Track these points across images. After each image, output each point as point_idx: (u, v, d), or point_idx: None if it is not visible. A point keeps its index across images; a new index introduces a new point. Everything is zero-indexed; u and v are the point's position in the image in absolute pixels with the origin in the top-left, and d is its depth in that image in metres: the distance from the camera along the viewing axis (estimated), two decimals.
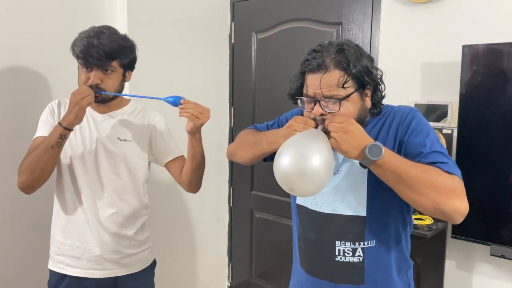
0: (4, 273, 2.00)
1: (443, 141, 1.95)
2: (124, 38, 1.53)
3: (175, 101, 1.45)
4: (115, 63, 1.49)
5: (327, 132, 1.13)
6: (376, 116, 1.26)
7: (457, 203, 1.06)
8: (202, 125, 1.48)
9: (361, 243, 1.24)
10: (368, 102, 1.22)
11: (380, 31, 2.20)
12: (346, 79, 1.15)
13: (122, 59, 1.51)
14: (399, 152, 1.17)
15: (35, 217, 2.07)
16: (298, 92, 1.26)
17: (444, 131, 1.98)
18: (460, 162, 1.85)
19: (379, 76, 1.22)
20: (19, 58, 1.99)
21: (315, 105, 1.18)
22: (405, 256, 1.31)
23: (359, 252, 1.25)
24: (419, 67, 2.09)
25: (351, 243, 1.25)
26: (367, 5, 2.24)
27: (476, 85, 1.82)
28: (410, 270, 1.34)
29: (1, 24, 1.93)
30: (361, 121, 1.20)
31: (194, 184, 1.63)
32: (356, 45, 1.21)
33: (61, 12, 2.12)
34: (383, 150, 1.06)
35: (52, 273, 1.62)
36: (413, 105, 2.07)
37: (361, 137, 1.08)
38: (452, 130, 1.96)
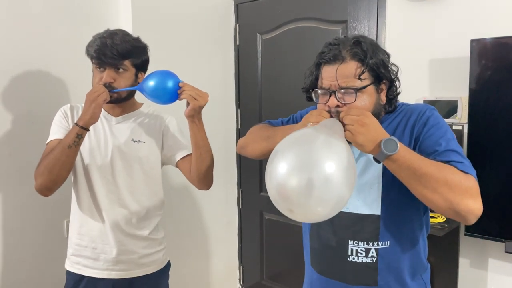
0: (19, 279, 2.01)
1: None
2: (137, 39, 1.58)
3: (175, 87, 1.47)
4: (127, 62, 1.52)
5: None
6: (391, 113, 1.24)
7: (470, 203, 1.03)
8: (200, 107, 1.49)
9: (375, 244, 1.22)
10: (383, 98, 1.20)
11: (386, 28, 2.18)
12: (363, 70, 1.14)
13: (135, 58, 1.54)
14: (414, 150, 1.14)
15: (47, 223, 2.09)
16: (312, 85, 1.24)
17: (454, 127, 1.96)
18: (471, 158, 1.80)
19: (394, 72, 1.22)
20: (27, 66, 2.01)
21: (330, 97, 1.16)
22: (421, 258, 1.28)
23: (372, 252, 1.22)
24: (427, 63, 2.06)
25: (365, 243, 1.22)
26: (372, 2, 2.22)
27: (486, 80, 1.79)
28: (426, 273, 1.31)
29: (8, 31, 1.94)
30: (375, 116, 1.17)
31: (204, 177, 1.60)
32: (372, 40, 1.21)
33: (67, 20, 2.13)
34: (398, 145, 1.03)
35: (69, 274, 1.63)
36: (422, 102, 2.05)
37: (377, 131, 1.06)
38: (463, 126, 1.94)
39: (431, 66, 2.05)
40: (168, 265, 1.75)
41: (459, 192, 1.03)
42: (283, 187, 0.87)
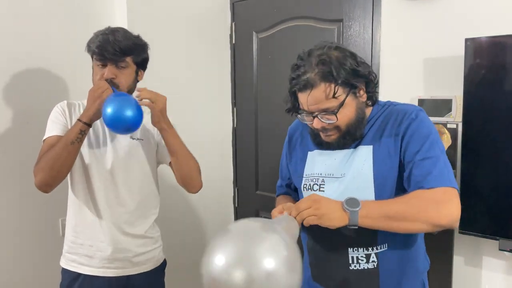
0: (14, 278, 2.01)
1: (448, 136, 1.93)
2: (138, 37, 1.59)
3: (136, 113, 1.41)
4: (129, 59, 1.53)
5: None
6: (379, 115, 1.26)
7: (446, 212, 1.10)
8: (161, 111, 1.48)
9: (374, 248, 1.22)
10: (363, 97, 1.22)
11: (382, 27, 2.19)
12: (335, 90, 1.14)
13: (136, 56, 1.55)
14: (400, 151, 1.19)
15: (42, 222, 2.09)
16: (295, 108, 1.26)
17: (448, 125, 1.97)
18: (465, 156, 1.84)
19: (367, 71, 1.21)
20: (22, 64, 2.00)
21: (314, 118, 1.19)
22: (421, 258, 1.30)
23: (373, 257, 1.22)
24: (422, 62, 2.07)
25: (364, 248, 1.22)
26: (367, 1, 2.22)
27: (480, 79, 1.80)
28: (425, 272, 1.33)
29: (4, 29, 1.94)
30: (360, 118, 1.21)
31: (188, 181, 1.62)
32: (336, 47, 1.19)
33: (64, 18, 2.14)
34: (358, 199, 1.08)
35: (65, 272, 1.63)
36: (416, 101, 2.06)
37: (332, 200, 1.10)
38: (457, 125, 1.94)
39: (425, 65, 2.06)
40: (164, 263, 1.76)
41: (431, 211, 1.09)
42: (220, 281, 0.84)
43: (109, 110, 1.38)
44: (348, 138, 1.23)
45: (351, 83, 1.16)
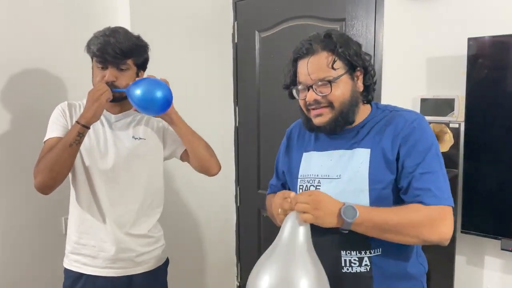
0: (17, 277, 2.02)
1: (450, 136, 1.93)
2: (138, 37, 1.58)
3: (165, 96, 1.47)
4: (130, 61, 1.52)
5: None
6: (379, 119, 1.26)
7: (439, 230, 1.13)
8: None
9: (367, 252, 1.22)
10: (359, 85, 1.24)
11: (384, 26, 2.18)
12: (334, 59, 1.18)
13: (136, 57, 1.54)
14: (397, 160, 1.19)
15: (45, 220, 2.10)
16: (292, 82, 1.29)
17: (451, 125, 1.96)
18: (468, 156, 1.84)
19: (367, 62, 1.25)
20: (22, 64, 2.00)
21: (308, 92, 1.21)
22: (417, 261, 1.29)
23: (366, 261, 1.22)
24: (425, 62, 2.06)
25: (357, 252, 1.22)
26: (370, 0, 2.22)
27: (483, 78, 1.80)
28: (423, 275, 1.32)
29: (4, 29, 1.94)
30: (354, 102, 1.23)
31: (208, 164, 1.64)
32: (344, 33, 1.26)
33: (65, 18, 2.14)
34: (356, 209, 1.08)
35: (68, 272, 1.63)
36: (419, 100, 2.05)
37: (332, 203, 1.10)
38: (459, 124, 1.94)
39: (428, 65, 2.05)
40: (166, 262, 1.77)
41: (426, 226, 1.12)
42: None
43: (138, 92, 1.42)
44: (340, 120, 1.23)
45: (351, 63, 1.20)
